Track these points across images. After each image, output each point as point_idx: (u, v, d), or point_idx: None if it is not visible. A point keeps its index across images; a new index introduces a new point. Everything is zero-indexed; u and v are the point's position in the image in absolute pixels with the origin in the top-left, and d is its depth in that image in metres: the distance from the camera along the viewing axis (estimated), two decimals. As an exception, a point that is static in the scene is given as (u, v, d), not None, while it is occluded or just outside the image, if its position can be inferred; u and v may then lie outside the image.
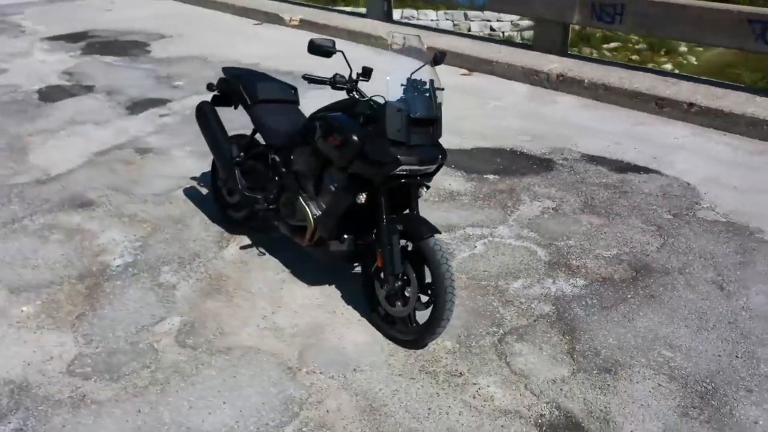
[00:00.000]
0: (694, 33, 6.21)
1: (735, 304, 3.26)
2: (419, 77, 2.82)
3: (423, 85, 2.81)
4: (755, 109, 5.67)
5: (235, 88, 3.59)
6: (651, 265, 3.60)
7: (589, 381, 2.76)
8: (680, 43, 19.46)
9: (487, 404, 2.64)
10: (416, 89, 2.79)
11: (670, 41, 16.32)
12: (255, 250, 3.73)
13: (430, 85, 2.83)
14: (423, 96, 2.79)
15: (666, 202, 4.35)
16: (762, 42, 5.79)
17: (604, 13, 6.74)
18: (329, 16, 10.09)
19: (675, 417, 2.57)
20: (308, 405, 2.63)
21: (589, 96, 6.55)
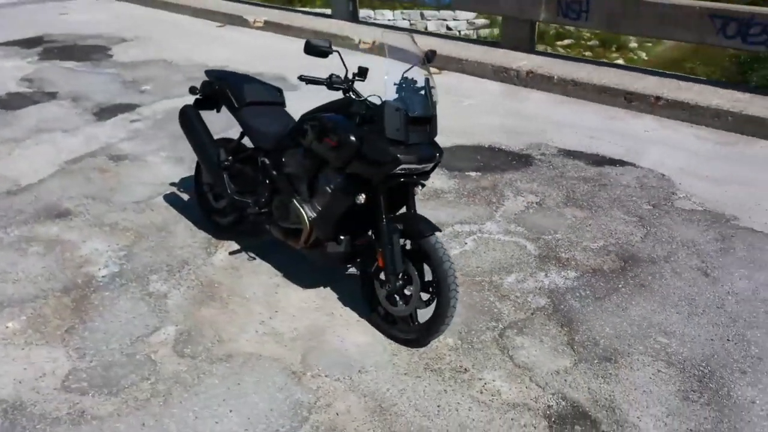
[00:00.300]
0: (658, 28, 6.38)
1: (721, 290, 3.37)
2: (414, 76, 2.82)
3: (418, 84, 2.82)
4: (719, 100, 5.87)
5: (221, 91, 3.53)
6: (637, 255, 3.70)
7: (591, 371, 2.82)
8: (630, 39, 20.07)
9: (495, 398, 2.67)
10: (412, 88, 2.80)
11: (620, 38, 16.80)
12: (245, 255, 3.67)
13: (425, 83, 2.83)
14: (419, 95, 2.80)
15: (644, 194, 4.46)
16: (723, 36, 5.99)
17: (570, 10, 6.87)
18: (294, 17, 10.01)
19: (677, 401, 2.65)
20: (317, 409, 2.61)
21: (559, 92, 6.67)
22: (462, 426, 2.53)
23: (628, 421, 2.54)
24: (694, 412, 2.59)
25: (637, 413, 2.58)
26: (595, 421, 2.55)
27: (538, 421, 2.55)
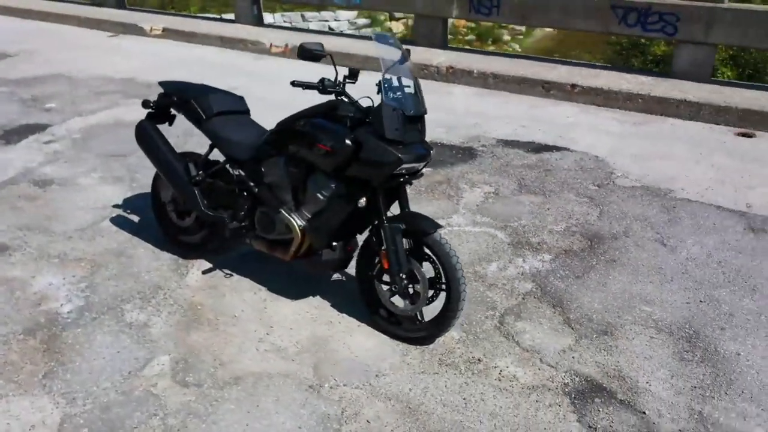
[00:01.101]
0: (565, 20, 6.79)
1: (680, 257, 3.67)
2: (403, 76, 2.84)
3: (408, 83, 2.83)
4: (627, 85, 6.36)
5: (184, 103, 3.33)
6: (599, 233, 3.93)
7: (593, 345, 2.97)
8: (503, 33, 21.25)
9: (514, 384, 2.74)
10: (403, 88, 2.81)
11: (494, 31, 17.87)
12: (220, 273, 3.50)
13: (414, 82, 2.85)
14: (411, 94, 2.81)
15: (586, 175, 4.75)
16: (625, 25, 6.49)
17: (481, 5, 7.15)
18: (196, 23, 9.62)
19: (675, 363, 2.85)
20: (346, 419, 2.55)
21: (479, 85, 6.92)
22: (492, 414, 2.58)
23: (639, 387, 2.71)
24: (692, 371, 2.81)
25: (645, 378, 2.76)
26: (611, 391, 2.70)
27: (560, 400, 2.65)
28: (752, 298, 3.29)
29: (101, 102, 6.42)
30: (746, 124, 5.69)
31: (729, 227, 3.99)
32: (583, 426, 2.52)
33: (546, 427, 2.51)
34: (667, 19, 6.24)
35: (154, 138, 3.44)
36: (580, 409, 2.60)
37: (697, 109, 5.90)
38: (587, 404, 2.63)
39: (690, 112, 5.93)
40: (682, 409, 2.60)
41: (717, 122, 5.83)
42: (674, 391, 2.69)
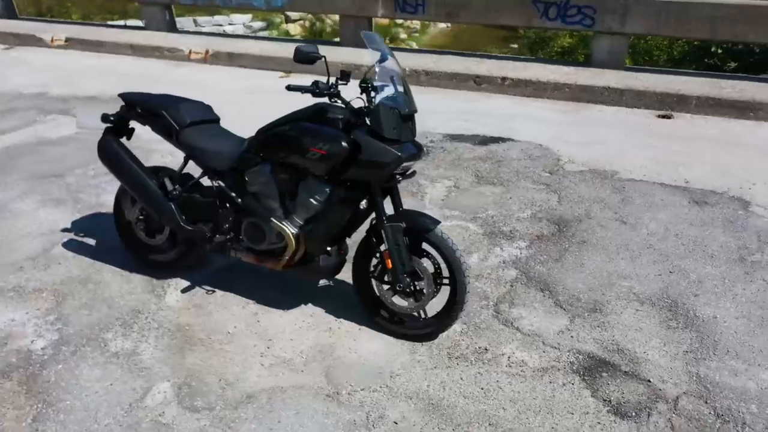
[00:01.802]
0: (489, 15, 7.03)
1: (642, 233, 3.91)
2: (393, 75, 2.84)
3: (398, 82, 2.83)
4: (554, 75, 6.68)
5: (154, 115, 3.14)
6: (564, 217, 4.11)
7: (587, 323, 3.11)
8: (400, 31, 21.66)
9: (524, 369, 2.82)
10: (395, 86, 2.81)
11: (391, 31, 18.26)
12: (201, 290, 3.35)
13: (403, 81, 2.86)
14: (402, 93, 2.82)
15: (536, 163, 4.95)
16: (546, 18, 6.81)
17: (407, 4, 7.24)
18: (102, 31, 9.08)
19: (664, 331, 3.05)
20: (373, 423, 2.52)
21: (412, 82, 6.99)
22: (513, 400, 2.64)
23: (638, 357, 2.87)
24: (680, 337, 3.01)
25: (641, 349, 2.93)
26: (614, 364, 2.84)
27: (571, 378, 2.76)
28: (713, 265, 3.57)
29: (15, 120, 5.93)
30: (664, 106, 6.14)
31: (676, 202, 4.30)
32: (599, 400, 2.64)
33: (565, 406, 2.60)
34: (585, 12, 6.61)
35: (120, 154, 3.22)
36: (591, 384, 2.72)
37: (619, 95, 6.30)
38: (597, 379, 2.75)
39: (613, 98, 6.32)
40: (681, 373, 2.78)
41: (638, 106, 6.26)
42: (669, 357, 2.88)
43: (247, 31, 19.84)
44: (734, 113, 5.96)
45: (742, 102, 5.93)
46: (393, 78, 2.81)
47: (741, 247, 3.74)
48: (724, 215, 4.11)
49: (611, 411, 2.58)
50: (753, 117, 5.90)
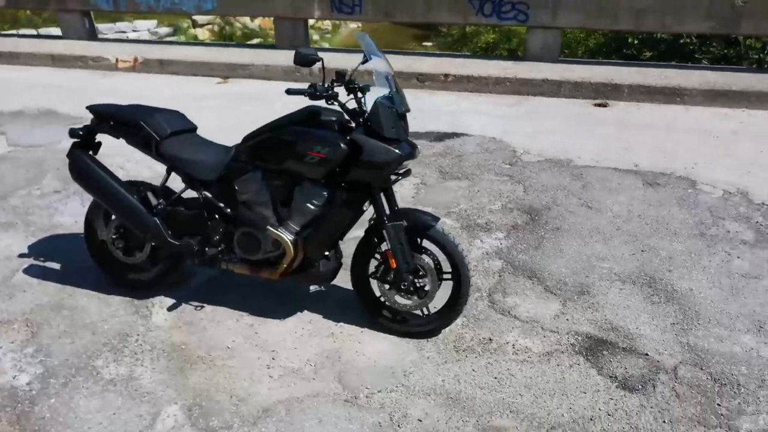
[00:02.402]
0: (427, 13, 7.13)
1: (608, 216, 4.11)
2: (386, 75, 2.85)
3: (391, 82, 2.85)
4: (494, 70, 6.87)
5: (131, 126, 2.97)
6: (533, 206, 4.25)
7: (579, 305, 3.23)
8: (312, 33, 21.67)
9: (531, 355, 2.90)
10: (391, 85, 2.82)
11: None
12: (188, 307, 3.21)
13: (394, 80, 2.87)
14: (396, 92, 2.83)
15: (494, 156, 5.08)
16: (482, 15, 6.99)
17: (343, 5, 7.23)
18: (14, 42, 8.48)
19: (650, 306, 3.22)
20: (398, 423, 2.51)
21: (355, 83, 6.99)
22: (527, 386, 2.71)
23: (632, 333, 3.02)
24: (665, 310, 3.19)
25: (634, 324, 3.08)
26: (612, 342, 2.97)
27: (576, 359, 2.86)
28: (678, 242, 3.81)
29: (-65, 141, 5.44)
30: (600, 95, 6.46)
31: (631, 185, 4.54)
32: (605, 377, 2.75)
33: (577, 386, 2.70)
34: (519, 8, 6.85)
35: (95, 170, 3.03)
36: (595, 363, 2.84)
37: (557, 87, 6.57)
38: (599, 358, 2.87)
39: (552, 89, 6.58)
40: (673, 344, 2.95)
41: (575, 96, 6.55)
42: (660, 330, 3.04)
43: (153, 37, 19.24)
44: (663, 99, 6.36)
45: (669, 88, 6.34)
46: (388, 78, 2.83)
47: (698, 223, 4.01)
48: (676, 195, 4.39)
49: (620, 386, 2.70)
50: (680, 102, 6.32)
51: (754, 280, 3.44)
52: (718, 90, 6.24)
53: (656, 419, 2.53)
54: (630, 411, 2.57)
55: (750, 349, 2.91)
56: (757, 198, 4.33)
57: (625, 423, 2.51)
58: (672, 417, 2.54)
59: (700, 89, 6.29)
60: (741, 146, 5.25)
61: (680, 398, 2.63)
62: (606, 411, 2.57)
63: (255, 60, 7.26)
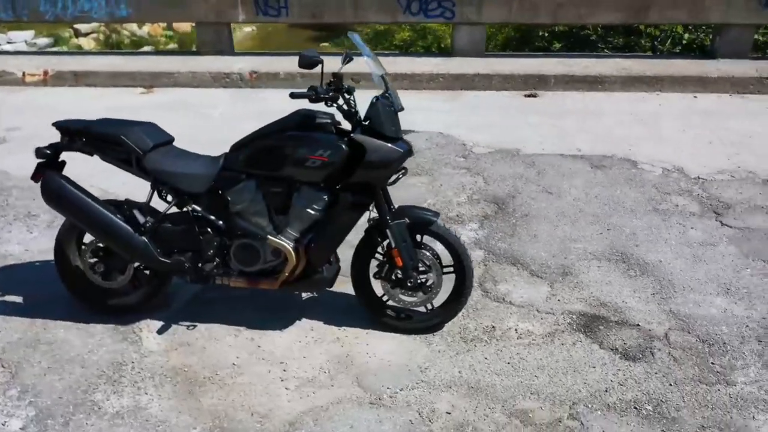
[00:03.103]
0: (356, 14, 7.14)
1: (568, 200, 4.31)
2: (382, 74, 2.88)
3: (386, 80, 2.87)
4: (426, 67, 7.00)
5: (110, 141, 2.77)
6: (498, 196, 4.39)
7: (566, 286, 3.38)
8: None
9: (535, 337, 3.00)
10: (386, 85, 2.84)
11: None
12: (180, 327, 3.06)
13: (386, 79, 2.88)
14: (391, 91, 2.84)
15: (447, 150, 5.19)
16: (410, 14, 7.10)
17: (269, 7, 7.09)
18: None
19: (629, 279, 3.42)
20: (429, 419, 2.53)
21: (288, 86, 6.90)
22: (540, 367, 2.81)
23: (620, 306, 3.20)
24: (643, 282, 3.41)
25: (620, 298, 3.27)
26: (604, 317, 3.14)
27: (577, 337, 3.00)
28: (636, 218, 4.07)
29: None
30: (529, 86, 6.76)
31: (581, 169, 4.80)
32: (607, 350, 2.91)
33: (585, 362, 2.83)
34: (445, 5, 7.01)
35: (71, 190, 2.80)
36: (595, 339, 2.99)
37: (489, 80, 6.80)
38: (598, 333, 3.02)
39: (484, 83, 6.80)
40: (659, 312, 3.16)
41: (506, 88, 6.81)
42: (643, 301, 3.25)
43: (32, 48, 18.10)
44: (586, 87, 6.75)
45: (591, 76, 6.74)
46: (383, 77, 2.84)
47: (649, 200, 4.30)
48: (623, 175, 4.69)
49: (622, 357, 2.86)
50: (601, 89, 6.74)
51: (710, 247, 3.74)
52: (634, 76, 6.71)
53: (662, 383, 2.70)
54: (638, 379, 2.73)
55: (725, 310, 3.17)
56: (692, 173, 4.71)
57: (636, 390, 2.67)
58: (676, 379, 2.72)
59: (618, 76, 6.73)
60: (664, 126, 5.68)
61: (678, 362, 2.83)
62: (617, 381, 2.72)
63: (181, 67, 6.96)
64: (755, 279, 3.43)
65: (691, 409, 2.57)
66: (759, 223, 4.01)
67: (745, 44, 7.09)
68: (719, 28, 7.08)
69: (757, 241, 3.80)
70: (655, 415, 2.54)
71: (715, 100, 6.48)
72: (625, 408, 2.58)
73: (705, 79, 6.69)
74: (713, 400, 2.62)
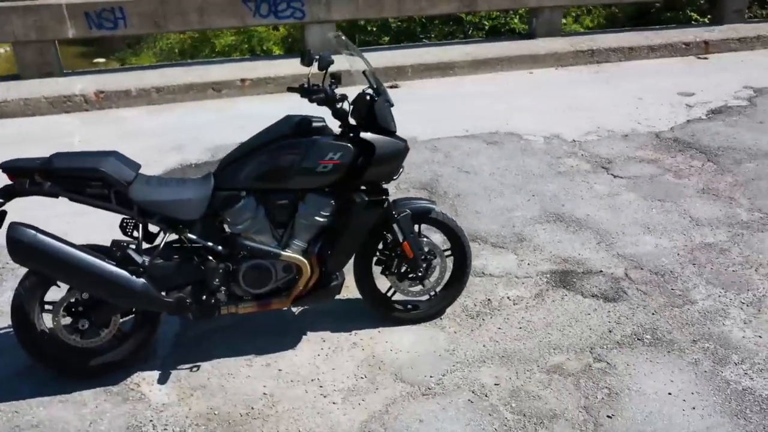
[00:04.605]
0: (202, 20, 6.76)
1: (485, 176, 4.64)
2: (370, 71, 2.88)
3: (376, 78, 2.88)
4: (288, 69, 6.89)
5: (87, 177, 2.37)
6: (422, 180, 4.56)
7: (527, 250, 3.68)
8: None
9: (528, 301, 3.24)
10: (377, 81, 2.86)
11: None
12: (183, 372, 2.77)
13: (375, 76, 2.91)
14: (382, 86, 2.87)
15: (349, 147, 5.23)
16: (260, 16, 6.91)
17: (103, 20, 6.42)
18: None
19: (573, 234, 3.83)
20: (484, 394, 2.63)
21: (144, 103, 6.35)
22: (548, 325, 3.05)
23: (579, 259, 3.58)
24: (585, 235, 3.83)
25: (575, 252, 3.65)
26: (572, 270, 3.48)
27: (561, 292, 3.30)
28: (549, 182, 4.53)
29: None
30: (389, 78, 7.00)
31: (478, 147, 5.16)
32: (590, 298, 3.26)
33: (580, 312, 3.15)
34: (295, 6, 6.96)
35: (48, 241, 2.35)
36: (576, 291, 3.32)
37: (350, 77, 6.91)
38: (575, 285, 3.36)
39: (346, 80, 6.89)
40: (611, 257, 3.60)
41: (369, 82, 6.99)
42: (594, 250, 3.67)
43: None
44: (440, 74, 7.21)
45: (443, 63, 7.21)
46: (374, 74, 2.84)
47: (549, 165, 4.81)
48: (516, 147, 5.16)
49: (605, 301, 3.23)
50: (452, 74, 7.25)
51: (616, 196, 4.32)
52: (479, 60, 7.33)
53: (647, 314, 3.12)
54: (627, 315, 3.11)
55: (656, 245, 3.72)
56: (567, 137, 5.35)
57: (631, 324, 3.05)
58: (654, 308, 3.16)
59: (466, 61, 7.30)
60: (522, 101, 6.31)
61: (647, 294, 3.28)
62: (614, 321, 3.08)
63: (7, 95, 6.01)
64: (662, 216, 4.06)
65: (678, 330, 3.01)
66: (638, 171, 4.71)
67: (557, 24, 8.13)
68: (535, 11, 8.01)
69: (646, 185, 4.48)
70: (656, 342, 2.93)
71: (548, 74, 7.35)
72: (631, 342, 2.94)
73: (535, 57, 7.54)
74: (688, 318, 3.09)
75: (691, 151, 5.03)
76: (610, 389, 2.66)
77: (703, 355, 2.85)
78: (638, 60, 7.81)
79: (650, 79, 6.96)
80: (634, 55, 7.91)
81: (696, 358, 2.83)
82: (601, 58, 7.78)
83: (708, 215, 4.06)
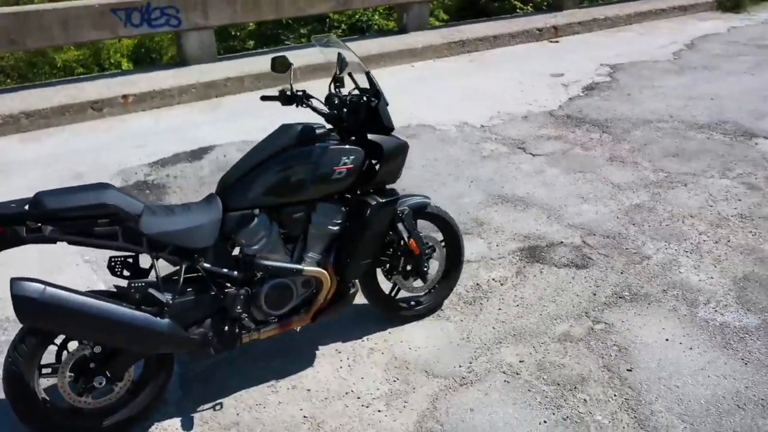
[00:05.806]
0: (68, 34, 6.08)
1: (419, 168, 4.74)
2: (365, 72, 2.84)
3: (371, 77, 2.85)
4: (172, 81, 6.45)
5: (95, 214, 2.05)
6: (362, 181, 4.54)
7: (490, 233, 3.85)
8: None
9: (512, 280, 3.40)
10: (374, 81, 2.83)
11: None
12: (206, 414, 2.55)
13: None
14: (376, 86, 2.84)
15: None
16: (131, 26, 6.38)
17: (-55, 40, 5.53)
18: None
19: (522, 213, 4.06)
20: (515, 372, 2.74)
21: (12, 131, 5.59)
22: (540, 298, 3.24)
23: (539, 234, 3.83)
24: (534, 212, 4.09)
25: (533, 227, 3.89)
26: (538, 246, 3.71)
27: (537, 267, 3.51)
28: (479, 166, 4.75)
29: None
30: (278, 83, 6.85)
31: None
32: (563, 268, 3.50)
33: (561, 283, 3.37)
34: (169, 13, 6.51)
35: (58, 294, 2.00)
36: (549, 263, 3.55)
37: (240, 82, 6.66)
38: (546, 258, 3.59)
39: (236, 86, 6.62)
40: (565, 228, 3.89)
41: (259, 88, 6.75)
42: (547, 224, 3.94)
43: None
44: (324, 74, 7.18)
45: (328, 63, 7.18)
46: (369, 74, 2.81)
47: (471, 151, 5.04)
48: (434, 138, 5.32)
49: (577, 268, 3.50)
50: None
51: (543, 173, 4.66)
52: (364, 57, 7.41)
53: (617, 275, 3.43)
54: (601, 278, 3.40)
55: (596, 212, 4.09)
56: (475, 123, 5.63)
57: (609, 285, 3.34)
58: (621, 268, 3.49)
59: (351, 59, 7.34)
60: (417, 93, 6.50)
61: (609, 257, 3.60)
62: (593, 285, 3.35)
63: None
64: (588, 186, 4.46)
65: (648, 283, 3.35)
66: (551, 148, 5.11)
67: (425, 18, 8.47)
68: (405, 7, 8.27)
69: (563, 160, 4.88)
70: (635, 297, 3.24)
71: (428, 66, 7.64)
72: (616, 301, 3.22)
73: (413, 50, 7.79)
74: (651, 272, 3.46)
75: (586, 125, 5.56)
76: (619, 346, 2.90)
77: (676, 301, 3.21)
78: (502, 47, 8.41)
79: (520, 64, 7.54)
80: (498, 43, 8.50)
81: (673, 305, 3.18)
82: (471, 48, 8.26)
83: (625, 180, 4.53)
